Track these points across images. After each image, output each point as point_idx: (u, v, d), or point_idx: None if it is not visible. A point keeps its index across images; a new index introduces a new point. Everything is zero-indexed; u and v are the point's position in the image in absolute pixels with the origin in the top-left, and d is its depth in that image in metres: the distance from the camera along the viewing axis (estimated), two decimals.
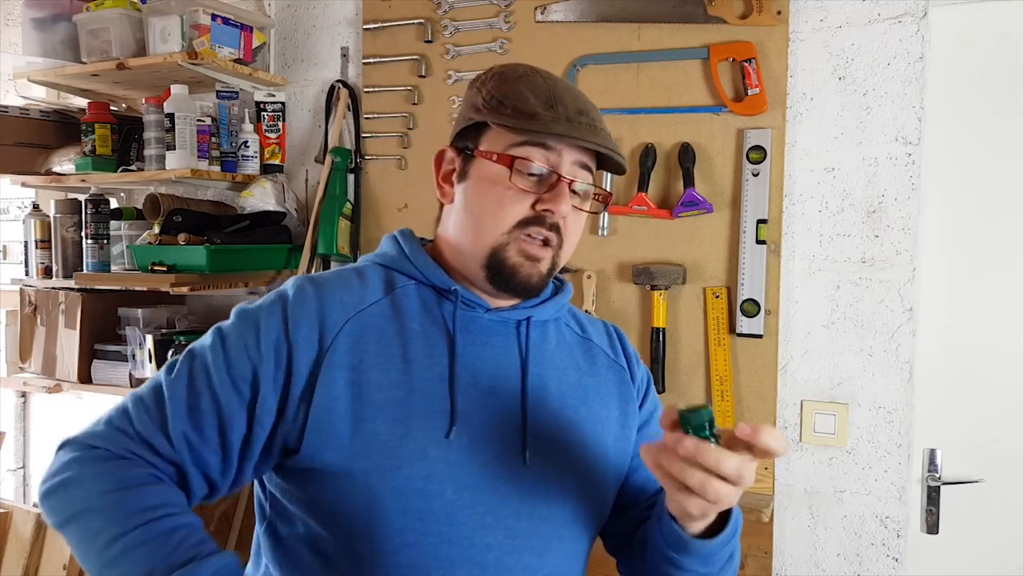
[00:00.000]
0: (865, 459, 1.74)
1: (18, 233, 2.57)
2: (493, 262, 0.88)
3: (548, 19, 1.98)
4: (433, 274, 0.92)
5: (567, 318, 1.02)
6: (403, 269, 0.94)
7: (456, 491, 0.83)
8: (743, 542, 1.81)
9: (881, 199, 1.72)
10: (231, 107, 2.22)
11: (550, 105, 0.87)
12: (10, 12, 2.78)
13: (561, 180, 0.87)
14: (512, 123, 0.86)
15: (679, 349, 1.87)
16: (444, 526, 0.82)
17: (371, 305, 0.89)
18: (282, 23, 2.36)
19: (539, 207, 0.87)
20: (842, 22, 1.74)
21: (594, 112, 0.90)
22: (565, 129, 0.86)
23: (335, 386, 0.83)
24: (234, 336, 0.86)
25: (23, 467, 2.90)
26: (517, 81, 0.89)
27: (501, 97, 0.88)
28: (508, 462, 0.87)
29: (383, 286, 0.92)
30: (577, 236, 0.93)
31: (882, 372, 1.72)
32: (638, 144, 1.90)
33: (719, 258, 1.84)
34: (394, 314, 0.89)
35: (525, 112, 0.86)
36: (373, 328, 0.87)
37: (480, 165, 0.90)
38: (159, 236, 2.16)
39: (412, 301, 0.91)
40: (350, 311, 0.87)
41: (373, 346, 0.86)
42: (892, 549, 1.72)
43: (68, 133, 2.43)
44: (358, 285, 0.90)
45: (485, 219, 0.88)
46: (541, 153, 0.87)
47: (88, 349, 2.36)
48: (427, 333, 0.89)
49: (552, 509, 0.88)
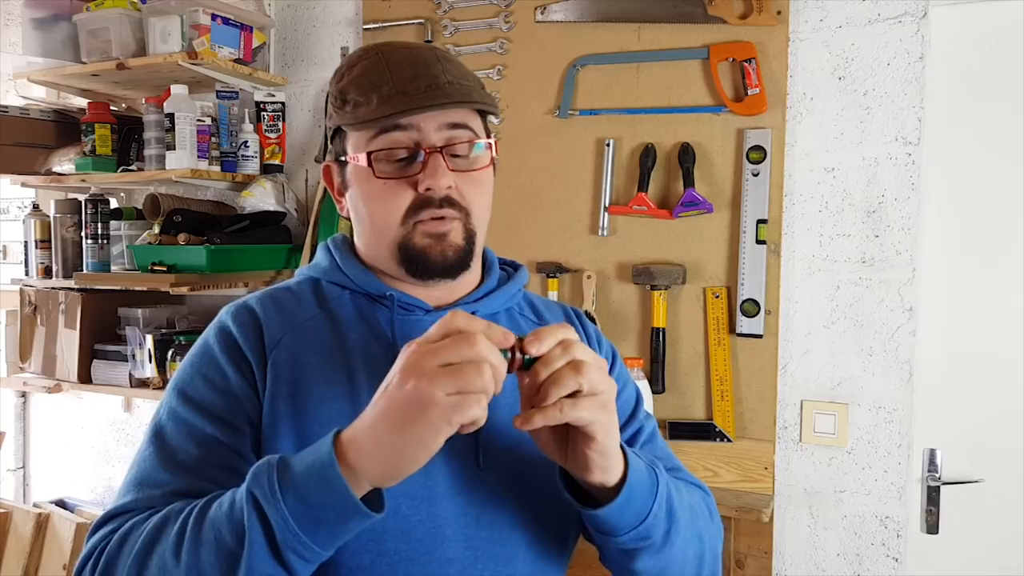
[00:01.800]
0: (865, 459, 1.74)
1: (18, 233, 2.57)
2: (404, 256, 0.85)
3: (548, 19, 1.98)
4: (365, 281, 0.88)
5: (521, 306, 0.97)
6: (335, 280, 0.90)
7: (410, 506, 0.79)
8: (743, 542, 1.83)
9: (881, 199, 1.72)
10: (231, 107, 2.22)
11: (383, 83, 0.82)
12: (10, 12, 2.78)
13: (429, 154, 0.82)
14: (352, 119, 0.83)
15: (679, 349, 1.87)
16: (401, 544, 0.78)
17: (307, 320, 0.86)
18: (282, 23, 2.36)
19: (420, 188, 0.82)
20: (842, 22, 1.74)
21: (437, 66, 0.83)
22: (401, 104, 0.80)
23: (277, 401, 0.80)
24: (197, 380, 0.82)
25: (23, 467, 2.90)
26: (352, 70, 0.85)
27: (343, 95, 0.85)
28: (462, 470, 0.82)
29: (316, 300, 0.89)
30: (484, 197, 0.87)
31: (882, 372, 1.72)
32: (638, 144, 1.90)
33: (719, 258, 1.84)
34: (331, 327, 0.86)
35: (363, 103, 0.82)
36: (311, 342, 0.84)
37: (353, 171, 0.87)
38: (159, 236, 2.16)
39: (348, 311, 0.88)
40: (286, 326, 0.85)
41: (314, 358, 0.83)
42: (892, 549, 1.72)
43: (68, 133, 2.43)
44: (291, 302, 0.88)
45: (376, 220, 0.85)
46: (399, 135, 0.82)
47: (88, 349, 2.36)
48: (367, 343, 0.85)
49: (514, 514, 0.83)
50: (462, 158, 0.84)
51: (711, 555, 0.88)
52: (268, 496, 0.65)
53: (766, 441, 1.80)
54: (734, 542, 1.79)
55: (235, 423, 0.80)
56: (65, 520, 2.51)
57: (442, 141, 0.83)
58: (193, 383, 0.82)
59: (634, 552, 0.78)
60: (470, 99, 0.83)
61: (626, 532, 0.76)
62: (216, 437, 0.79)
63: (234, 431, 0.80)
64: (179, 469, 0.78)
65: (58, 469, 2.81)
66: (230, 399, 0.81)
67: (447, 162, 0.82)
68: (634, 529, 0.76)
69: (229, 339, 0.84)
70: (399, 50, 0.86)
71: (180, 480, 0.77)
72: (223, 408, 0.80)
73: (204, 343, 0.86)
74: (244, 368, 0.82)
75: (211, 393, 0.81)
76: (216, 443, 0.79)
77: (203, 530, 0.68)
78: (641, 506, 0.76)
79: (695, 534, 0.84)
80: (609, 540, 0.77)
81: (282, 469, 0.66)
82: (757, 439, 1.80)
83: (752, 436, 1.81)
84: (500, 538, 0.82)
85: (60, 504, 2.68)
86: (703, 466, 1.83)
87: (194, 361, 0.85)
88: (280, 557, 0.65)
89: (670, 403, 1.87)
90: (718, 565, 0.90)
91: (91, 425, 2.73)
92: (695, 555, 0.84)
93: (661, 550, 0.79)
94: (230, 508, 0.67)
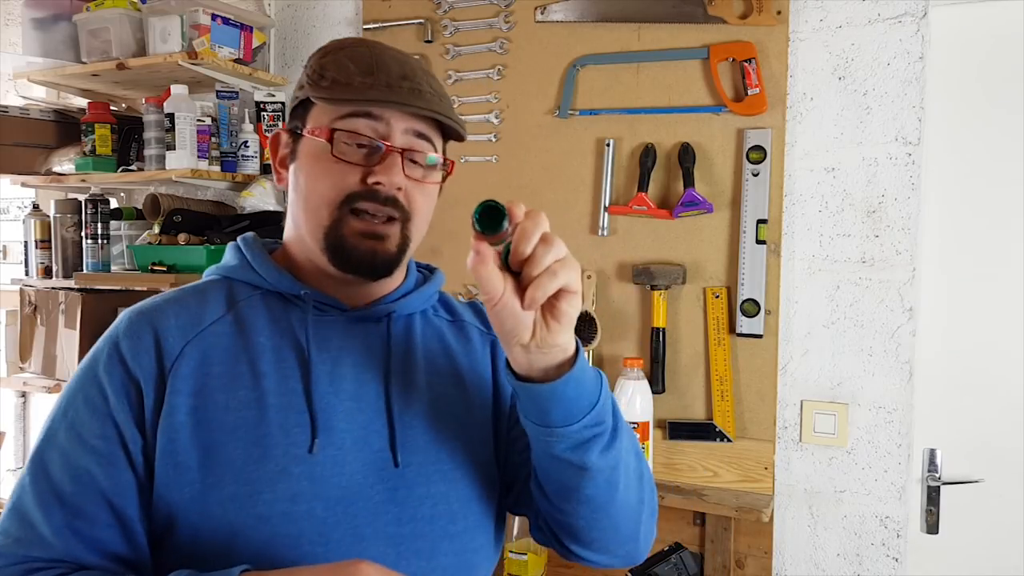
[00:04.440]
0: (865, 459, 1.74)
1: (18, 233, 2.57)
2: (331, 243, 0.82)
3: (548, 19, 1.98)
4: (278, 280, 0.86)
5: (436, 307, 0.96)
6: (246, 279, 0.87)
7: (326, 507, 0.77)
8: (743, 542, 1.83)
9: (881, 199, 1.72)
10: (231, 107, 2.22)
11: (370, 72, 0.81)
12: (10, 12, 2.78)
13: (391, 150, 0.81)
14: (328, 94, 0.81)
15: (679, 349, 1.87)
16: (318, 547, 0.76)
17: (212, 324, 0.82)
18: (282, 23, 2.36)
19: (369, 180, 0.80)
20: (842, 22, 1.74)
21: (422, 77, 0.84)
22: (383, 94, 0.80)
23: (176, 414, 0.77)
24: (79, 400, 0.79)
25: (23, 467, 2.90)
26: (339, 52, 0.84)
27: (321, 70, 0.83)
28: (379, 468, 0.81)
29: (224, 301, 0.85)
30: (426, 211, 0.86)
31: (882, 372, 1.72)
32: (638, 144, 1.90)
33: (719, 258, 1.84)
34: (239, 330, 0.83)
35: (343, 82, 0.81)
36: (217, 348, 0.81)
37: (307, 143, 0.84)
38: (159, 236, 2.16)
39: (258, 313, 0.84)
40: (188, 334, 0.81)
41: (218, 367, 0.80)
42: (892, 549, 1.72)
43: (68, 133, 2.43)
44: (195, 304, 0.84)
45: (313, 196, 0.83)
46: (366, 123, 0.81)
47: (88, 349, 2.35)
48: (277, 346, 0.82)
49: (436, 508, 0.83)
50: (418, 167, 0.84)
51: (649, 481, 0.86)
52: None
53: (766, 441, 1.80)
54: (734, 542, 1.79)
55: (111, 455, 0.77)
56: None
57: (405, 144, 0.82)
58: (75, 403, 0.79)
59: (587, 444, 0.75)
60: (446, 115, 0.84)
61: (580, 417, 0.73)
62: (90, 472, 0.76)
63: (110, 464, 0.76)
64: (53, 507, 0.75)
65: None
66: (108, 426, 0.77)
67: (403, 165, 0.82)
68: (587, 414, 0.73)
69: (116, 355, 0.80)
70: (391, 51, 0.85)
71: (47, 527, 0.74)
72: (100, 435, 0.77)
73: (93, 355, 0.82)
74: (129, 389, 0.78)
75: (90, 417, 0.78)
76: (90, 479, 0.76)
77: None
78: (591, 387, 0.74)
79: (633, 443, 0.82)
80: (560, 433, 0.74)
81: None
82: (757, 439, 1.80)
83: (752, 436, 1.81)
84: (421, 533, 0.82)
85: None
86: (703, 466, 1.83)
87: (80, 376, 0.81)
88: None
89: (670, 403, 1.87)
90: (656, 499, 0.88)
91: None
92: (636, 469, 0.82)
93: (611, 445, 0.76)
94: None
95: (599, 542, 0.84)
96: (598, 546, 0.84)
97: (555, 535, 0.86)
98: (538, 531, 0.90)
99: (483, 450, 0.89)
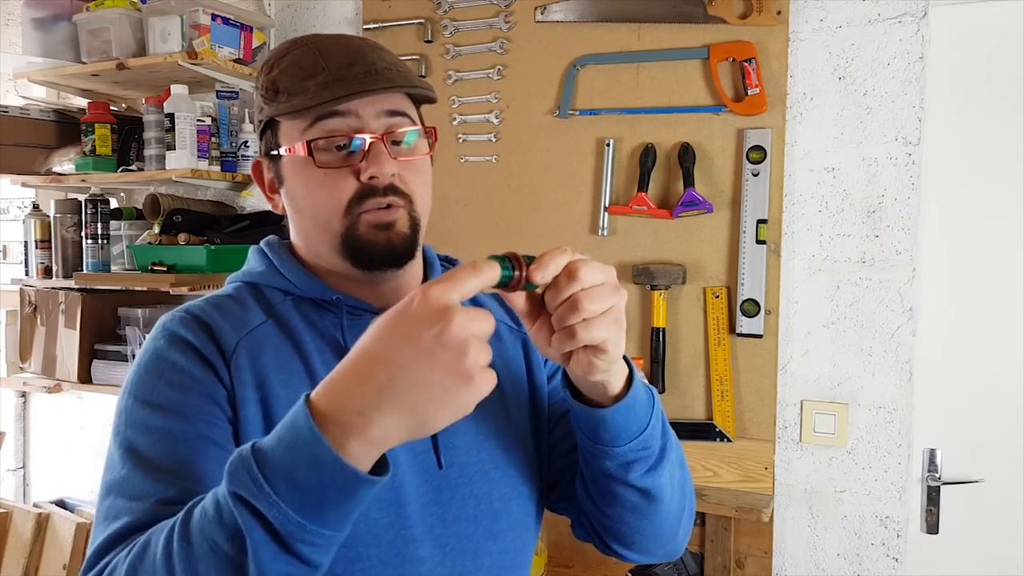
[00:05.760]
0: (865, 459, 1.74)
1: (18, 233, 2.57)
2: (348, 248, 0.81)
3: (548, 19, 1.98)
4: (309, 285, 0.84)
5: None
6: (276, 284, 0.85)
7: (380, 509, 0.77)
8: (743, 542, 1.83)
9: (881, 199, 1.72)
10: (231, 107, 2.22)
11: (318, 70, 0.79)
12: (10, 12, 2.78)
13: (373, 140, 0.79)
14: (287, 108, 0.80)
15: (679, 349, 1.87)
16: (372, 548, 0.77)
17: (257, 327, 0.81)
18: (282, 23, 2.36)
19: (363, 177, 0.79)
20: (842, 22, 1.74)
21: (371, 54, 0.82)
22: (341, 89, 0.78)
23: (248, 406, 0.76)
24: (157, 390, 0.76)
25: (23, 467, 2.90)
26: (281, 61, 0.82)
27: (272, 85, 0.82)
28: (424, 470, 0.81)
29: (262, 308, 0.84)
30: (425, 185, 0.85)
31: (882, 372, 1.72)
32: (638, 144, 1.90)
33: (719, 258, 1.84)
34: (283, 333, 0.82)
35: (296, 91, 0.80)
36: (268, 347, 0.80)
37: (288, 163, 0.83)
38: (159, 236, 2.16)
39: (295, 317, 0.83)
40: (239, 331, 0.80)
41: (272, 362, 0.79)
42: (892, 549, 1.72)
43: (68, 133, 2.43)
44: (237, 309, 0.83)
45: (318, 213, 0.81)
46: (336, 123, 0.80)
47: (88, 349, 2.36)
48: (320, 349, 0.82)
49: (479, 508, 0.84)
50: (402, 146, 0.82)
51: (690, 487, 0.88)
52: (255, 492, 0.57)
53: (766, 441, 1.80)
54: (734, 542, 1.79)
55: (211, 417, 0.75)
56: (65, 520, 2.51)
57: (382, 128, 0.81)
58: (156, 390, 0.76)
59: (633, 464, 0.77)
60: (409, 83, 0.81)
61: (628, 441, 0.75)
62: (196, 433, 0.74)
63: (211, 425, 0.75)
64: (168, 476, 0.71)
65: (58, 469, 2.81)
66: (201, 396, 0.76)
67: (388, 150, 0.80)
68: (636, 438, 0.75)
69: (184, 344, 0.78)
70: (330, 39, 0.84)
71: (172, 488, 0.70)
72: (196, 406, 0.75)
73: (154, 354, 0.79)
74: (207, 366, 0.77)
75: (180, 394, 0.75)
76: (198, 438, 0.73)
77: (193, 544, 0.60)
78: (642, 414, 0.75)
79: (680, 459, 0.84)
80: (608, 452, 0.76)
81: (259, 458, 0.58)
82: (757, 439, 1.80)
83: (752, 436, 1.81)
84: (466, 533, 0.83)
85: (60, 504, 2.67)
86: (703, 466, 1.83)
87: (149, 371, 0.78)
88: (292, 551, 0.59)
89: (670, 403, 1.87)
90: (694, 501, 0.90)
91: (91, 425, 2.73)
92: (680, 479, 0.84)
93: (658, 465, 0.78)
94: (217, 514, 0.59)
95: (640, 544, 0.86)
96: (639, 548, 0.86)
97: (598, 534, 0.88)
98: (580, 528, 0.92)
99: (522, 448, 0.90)
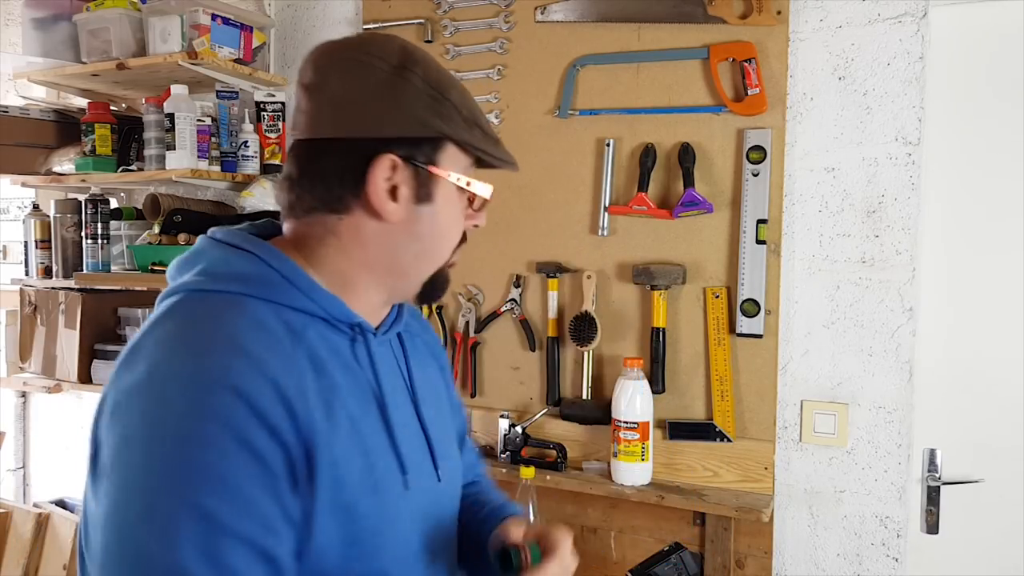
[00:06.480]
0: (865, 459, 1.74)
1: (18, 233, 2.57)
2: (430, 284, 0.84)
3: (548, 19, 1.98)
4: (330, 305, 0.78)
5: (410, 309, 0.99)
6: (295, 304, 0.76)
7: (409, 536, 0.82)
8: (743, 542, 1.83)
9: (881, 199, 1.72)
10: (231, 107, 2.22)
11: (478, 116, 0.82)
12: (10, 12, 2.78)
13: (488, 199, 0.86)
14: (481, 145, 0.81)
15: (679, 349, 1.87)
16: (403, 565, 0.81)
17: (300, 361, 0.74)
18: (282, 23, 2.36)
19: (468, 223, 0.86)
20: (842, 22, 1.74)
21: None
22: (503, 152, 0.84)
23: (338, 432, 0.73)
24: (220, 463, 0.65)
25: (23, 467, 2.90)
26: (452, 89, 0.80)
27: (467, 111, 0.80)
28: (431, 483, 0.86)
29: (286, 332, 0.74)
30: None
31: (882, 372, 1.72)
32: (638, 144, 1.90)
33: (719, 258, 1.84)
34: (316, 371, 0.74)
35: (471, 125, 0.80)
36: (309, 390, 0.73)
37: (446, 188, 0.80)
38: (159, 236, 2.16)
39: (318, 345, 0.76)
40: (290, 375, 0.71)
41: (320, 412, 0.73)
42: (892, 549, 1.72)
43: (68, 133, 2.43)
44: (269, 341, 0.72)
45: (441, 247, 0.83)
46: (486, 175, 0.85)
47: (88, 349, 2.36)
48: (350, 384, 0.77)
49: (454, 517, 0.91)
50: None
51: None
52: None
53: (766, 441, 1.80)
54: (734, 542, 1.79)
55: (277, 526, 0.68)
56: (65, 520, 2.51)
57: None
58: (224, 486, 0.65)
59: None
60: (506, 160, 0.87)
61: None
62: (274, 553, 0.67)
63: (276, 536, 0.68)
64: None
65: (58, 469, 2.81)
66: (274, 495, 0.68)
67: None
68: None
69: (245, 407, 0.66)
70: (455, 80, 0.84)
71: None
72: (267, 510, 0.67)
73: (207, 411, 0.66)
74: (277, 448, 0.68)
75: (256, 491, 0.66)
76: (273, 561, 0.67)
77: None
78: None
79: None
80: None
81: None
82: (757, 439, 1.80)
83: (752, 436, 1.81)
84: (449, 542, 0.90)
85: (60, 504, 2.68)
86: (703, 466, 1.83)
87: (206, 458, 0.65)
88: None
89: (670, 403, 1.87)
90: None
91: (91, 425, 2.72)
92: None
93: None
94: None
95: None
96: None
97: None
98: None
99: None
